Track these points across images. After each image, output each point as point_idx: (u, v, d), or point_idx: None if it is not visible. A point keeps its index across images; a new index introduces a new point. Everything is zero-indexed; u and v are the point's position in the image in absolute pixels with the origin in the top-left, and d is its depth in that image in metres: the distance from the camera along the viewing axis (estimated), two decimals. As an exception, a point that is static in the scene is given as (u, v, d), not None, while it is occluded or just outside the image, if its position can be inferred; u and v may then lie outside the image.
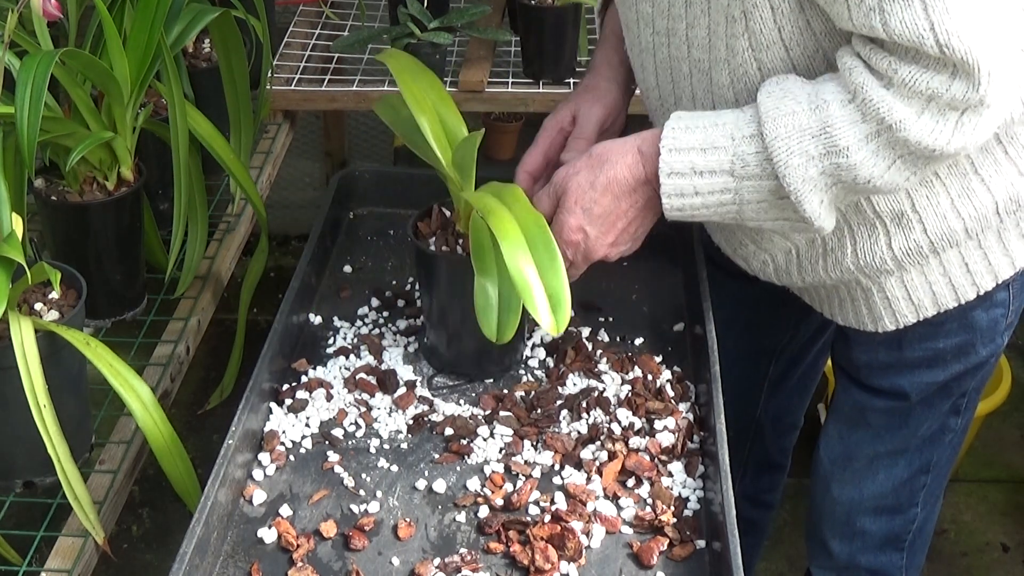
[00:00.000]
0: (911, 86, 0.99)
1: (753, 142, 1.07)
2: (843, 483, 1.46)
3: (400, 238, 1.48)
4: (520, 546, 1.04)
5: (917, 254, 1.20)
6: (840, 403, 1.44)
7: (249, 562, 1.03)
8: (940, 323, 1.26)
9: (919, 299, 1.24)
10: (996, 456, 2.53)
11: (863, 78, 1.01)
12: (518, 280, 1.01)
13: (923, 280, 1.22)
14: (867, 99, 1.01)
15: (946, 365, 1.31)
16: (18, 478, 1.16)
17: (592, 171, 1.14)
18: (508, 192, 1.10)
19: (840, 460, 1.45)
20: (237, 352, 1.59)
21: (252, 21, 1.50)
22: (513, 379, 1.25)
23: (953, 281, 1.22)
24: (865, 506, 1.46)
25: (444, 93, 1.20)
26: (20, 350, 1.04)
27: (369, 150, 3.02)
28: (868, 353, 1.34)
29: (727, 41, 1.11)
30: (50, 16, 1.20)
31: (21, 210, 1.20)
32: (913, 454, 1.41)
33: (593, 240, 1.15)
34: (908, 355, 1.31)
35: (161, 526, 2.33)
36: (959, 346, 1.29)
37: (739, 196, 1.09)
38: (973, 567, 2.29)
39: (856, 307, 1.28)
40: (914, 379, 1.33)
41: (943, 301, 1.24)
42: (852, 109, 1.02)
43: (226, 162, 1.42)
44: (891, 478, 1.43)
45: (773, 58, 1.10)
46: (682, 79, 1.19)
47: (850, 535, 1.50)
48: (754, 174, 1.07)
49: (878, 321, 1.27)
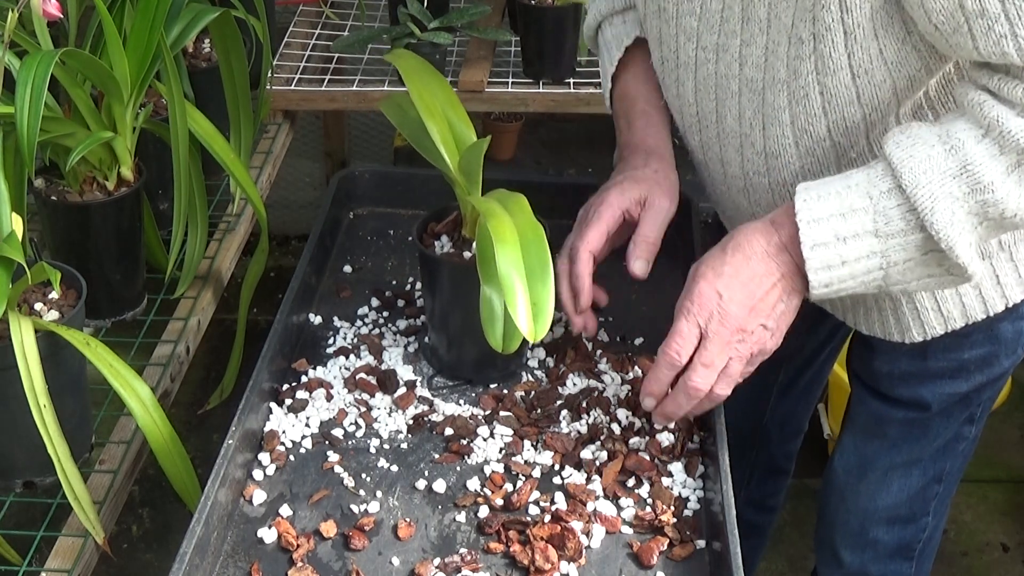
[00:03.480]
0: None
1: (893, 196, 1.02)
2: (857, 494, 1.45)
3: (400, 238, 1.48)
4: (520, 546, 1.04)
5: None
6: (857, 414, 1.42)
7: (249, 562, 1.03)
8: (967, 334, 1.25)
9: (948, 311, 1.22)
10: (996, 456, 2.53)
11: (997, 110, 0.99)
12: (505, 283, 1.02)
13: (953, 291, 1.21)
14: (1004, 131, 0.98)
15: (969, 376, 1.30)
16: (18, 478, 1.16)
17: (723, 249, 1.08)
18: (513, 200, 1.10)
19: (855, 471, 1.44)
20: (237, 352, 1.58)
21: (252, 21, 1.50)
22: (513, 379, 1.25)
23: (984, 293, 1.21)
24: (879, 516, 1.45)
25: (453, 96, 1.20)
26: (20, 350, 1.04)
27: (369, 150, 3.02)
28: (891, 363, 1.32)
29: (788, 62, 1.08)
30: (50, 16, 1.20)
31: (21, 210, 1.20)
32: (927, 463, 1.40)
33: (729, 303, 1.06)
34: (932, 365, 1.29)
35: (161, 526, 2.33)
36: (983, 357, 1.28)
37: (886, 258, 1.04)
38: (973, 567, 2.29)
39: (883, 317, 1.26)
40: (936, 389, 1.31)
41: (972, 313, 1.22)
42: (989, 143, 1.00)
43: (226, 162, 1.42)
44: (905, 488, 1.42)
45: (838, 84, 1.07)
46: (729, 97, 1.16)
47: (862, 545, 1.49)
48: (899, 230, 1.02)
49: (906, 332, 1.25)
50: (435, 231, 1.25)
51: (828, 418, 2.44)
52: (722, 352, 1.08)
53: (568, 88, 2.00)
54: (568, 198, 1.45)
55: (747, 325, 1.08)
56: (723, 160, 1.23)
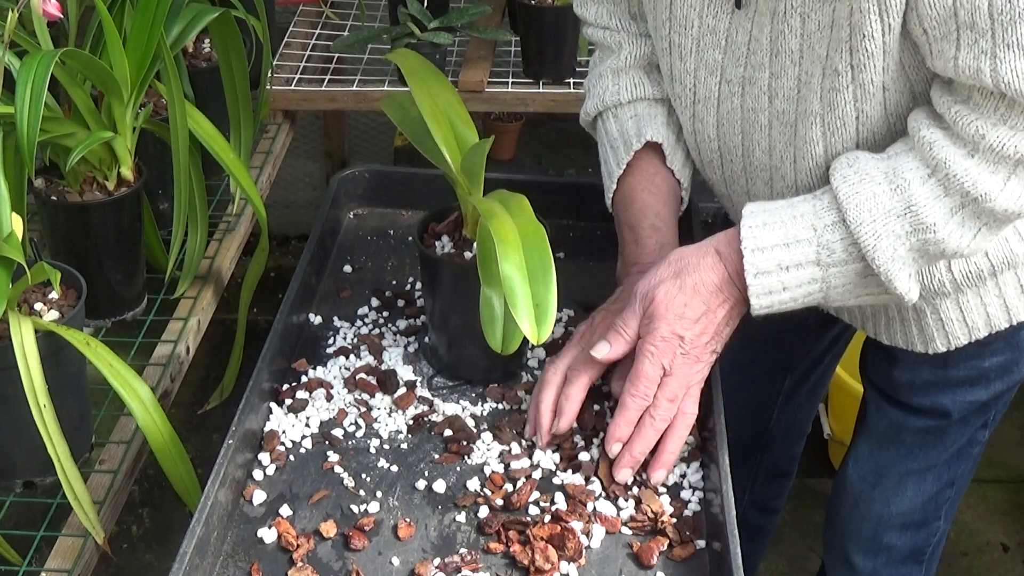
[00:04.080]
0: (999, 151, 0.98)
1: (837, 229, 1.05)
2: (872, 501, 1.44)
3: (400, 238, 1.48)
4: (520, 546, 1.04)
5: (976, 277, 1.19)
6: (873, 423, 1.42)
7: (249, 562, 1.03)
8: (988, 343, 1.25)
9: (973, 321, 1.23)
10: (996, 456, 2.53)
11: (945, 152, 1.00)
12: (508, 285, 1.01)
13: (979, 302, 1.21)
14: (951, 174, 1.00)
15: (989, 384, 1.30)
16: (18, 478, 1.16)
17: (676, 278, 1.09)
18: (514, 201, 1.10)
19: (870, 478, 1.43)
20: (237, 352, 1.58)
21: (252, 21, 1.50)
22: (513, 379, 1.25)
23: (1008, 303, 1.22)
24: (893, 522, 1.45)
25: (455, 96, 1.20)
26: (20, 350, 1.04)
27: (369, 150, 3.02)
28: (911, 372, 1.32)
29: (823, 94, 1.07)
30: (50, 16, 1.20)
31: (21, 210, 1.20)
32: (942, 469, 1.40)
33: (690, 343, 1.09)
34: (953, 374, 1.29)
35: (161, 526, 2.33)
36: (1003, 364, 1.29)
37: (826, 284, 1.07)
38: (973, 567, 2.29)
39: (906, 327, 1.26)
40: (957, 398, 1.31)
41: (996, 323, 1.23)
42: (934, 184, 1.02)
43: (226, 162, 1.42)
44: (920, 494, 1.42)
45: (874, 106, 1.07)
46: (757, 131, 1.15)
47: (875, 551, 1.49)
48: (841, 260, 1.05)
49: (929, 343, 1.26)
50: (436, 231, 1.25)
51: (828, 418, 2.44)
52: (683, 382, 1.10)
53: (568, 88, 2.00)
54: (568, 198, 1.45)
55: (703, 355, 1.11)
56: (749, 193, 1.23)
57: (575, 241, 1.44)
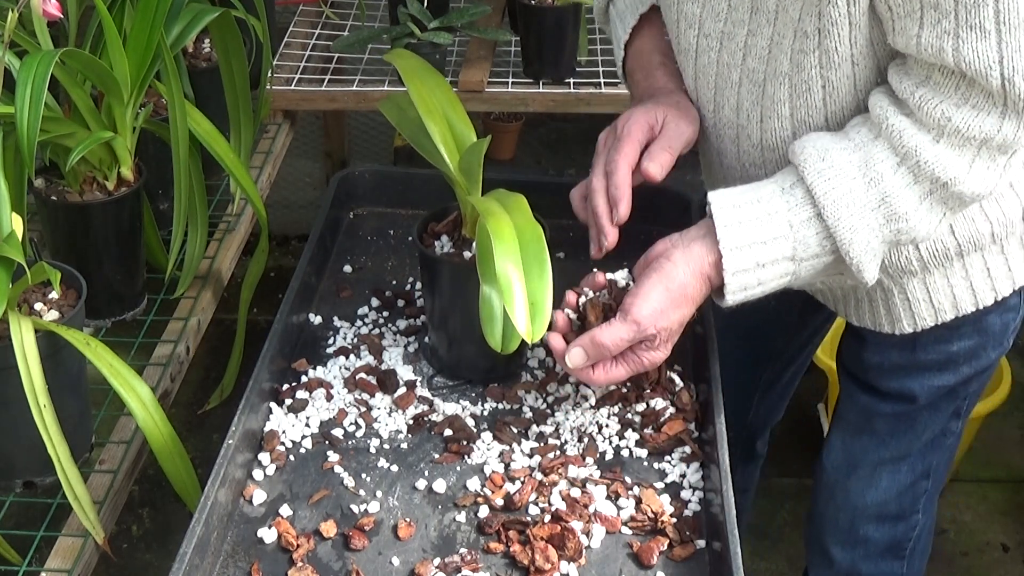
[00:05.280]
0: (964, 132, 1.00)
1: (812, 225, 1.06)
2: (847, 491, 1.46)
3: (400, 238, 1.48)
4: (520, 546, 1.04)
5: (944, 256, 1.20)
6: (845, 410, 1.44)
7: (249, 562, 1.03)
8: (956, 327, 1.27)
9: (939, 302, 1.24)
10: (996, 456, 2.53)
11: (915, 140, 1.02)
12: (503, 282, 1.02)
13: (945, 283, 1.23)
14: (921, 161, 1.02)
15: (957, 368, 1.32)
16: (18, 478, 1.16)
17: (678, 310, 1.09)
18: (512, 200, 1.10)
19: (844, 467, 1.45)
20: (237, 352, 1.59)
21: (252, 21, 1.50)
22: (513, 379, 1.25)
23: (974, 285, 1.23)
24: (868, 513, 1.46)
25: (452, 95, 1.20)
26: (20, 350, 1.04)
27: (369, 150, 3.02)
28: (881, 355, 1.34)
29: (792, 56, 1.09)
30: (50, 16, 1.20)
31: (21, 210, 1.20)
32: (916, 459, 1.41)
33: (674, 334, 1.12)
34: (921, 357, 1.31)
35: (161, 526, 2.33)
36: (971, 349, 1.30)
37: (797, 275, 1.09)
38: (973, 567, 2.29)
39: (874, 308, 1.28)
40: (925, 382, 1.33)
41: (963, 305, 1.25)
42: (904, 172, 1.04)
43: (226, 162, 1.42)
44: (895, 484, 1.43)
45: (840, 76, 1.09)
46: (728, 87, 1.17)
47: (852, 543, 1.50)
48: (814, 254, 1.07)
49: (896, 323, 1.27)
50: (435, 231, 1.25)
51: (828, 418, 2.44)
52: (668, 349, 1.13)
53: (568, 88, 2.00)
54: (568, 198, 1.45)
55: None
56: (719, 151, 1.24)
57: (575, 241, 1.44)
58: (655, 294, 1.08)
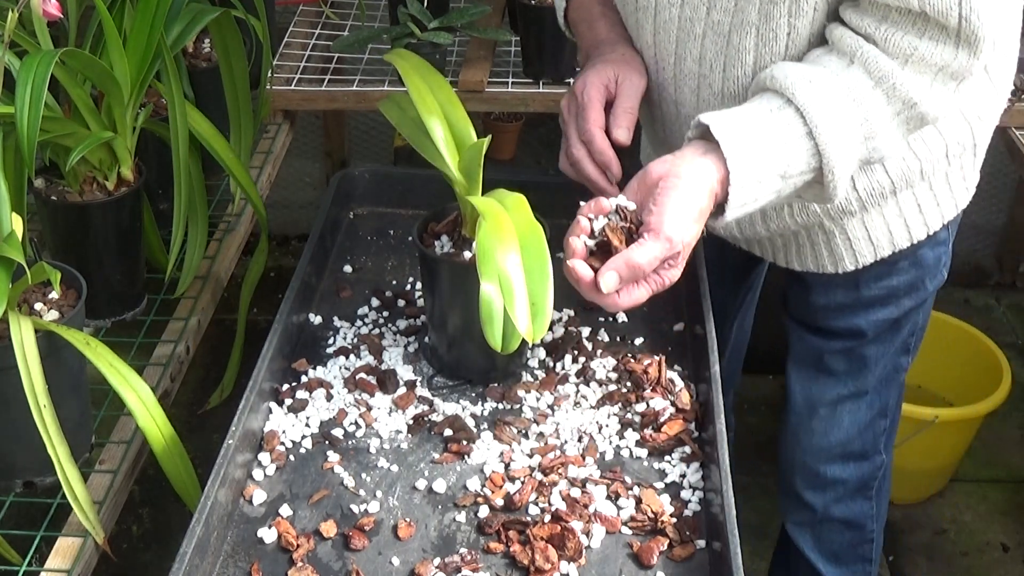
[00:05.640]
0: (926, 60, 1.10)
1: (803, 142, 1.11)
2: (811, 432, 1.55)
3: (400, 238, 1.48)
4: (520, 546, 1.04)
5: (879, 195, 1.30)
6: (799, 354, 1.53)
7: (249, 562, 1.03)
8: (894, 262, 1.38)
9: (877, 239, 1.35)
10: (996, 456, 2.53)
11: (888, 66, 1.10)
12: (504, 282, 1.02)
13: (881, 221, 1.33)
14: (896, 84, 1.10)
15: (899, 301, 1.43)
16: (18, 478, 1.16)
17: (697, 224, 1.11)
18: (512, 200, 1.11)
19: (806, 410, 1.54)
20: (237, 352, 1.59)
21: (252, 21, 1.50)
22: (513, 379, 1.25)
23: (908, 222, 1.34)
24: (834, 453, 1.55)
25: (452, 95, 1.20)
26: (20, 350, 1.04)
27: (369, 150, 3.02)
28: (827, 296, 1.44)
29: (761, 6, 1.15)
30: (50, 16, 1.20)
31: (21, 210, 1.20)
32: (873, 396, 1.51)
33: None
34: (865, 294, 1.42)
35: (161, 526, 2.33)
36: (910, 282, 1.41)
37: (780, 195, 1.14)
38: (973, 567, 2.29)
39: (816, 251, 1.37)
40: (870, 317, 1.44)
41: (899, 241, 1.35)
42: (879, 94, 1.11)
43: (226, 162, 1.42)
44: (856, 422, 1.53)
45: (805, 23, 1.16)
46: (691, 40, 1.22)
47: (823, 485, 1.58)
48: (800, 171, 1.12)
49: (839, 262, 1.37)
50: (435, 231, 1.25)
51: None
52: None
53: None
54: (568, 198, 1.45)
55: None
56: (677, 101, 1.29)
57: (575, 241, 1.44)
58: (680, 209, 1.09)
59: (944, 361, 2.46)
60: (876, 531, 1.66)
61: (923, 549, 2.33)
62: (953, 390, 2.47)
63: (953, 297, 2.98)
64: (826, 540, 1.64)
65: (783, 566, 1.74)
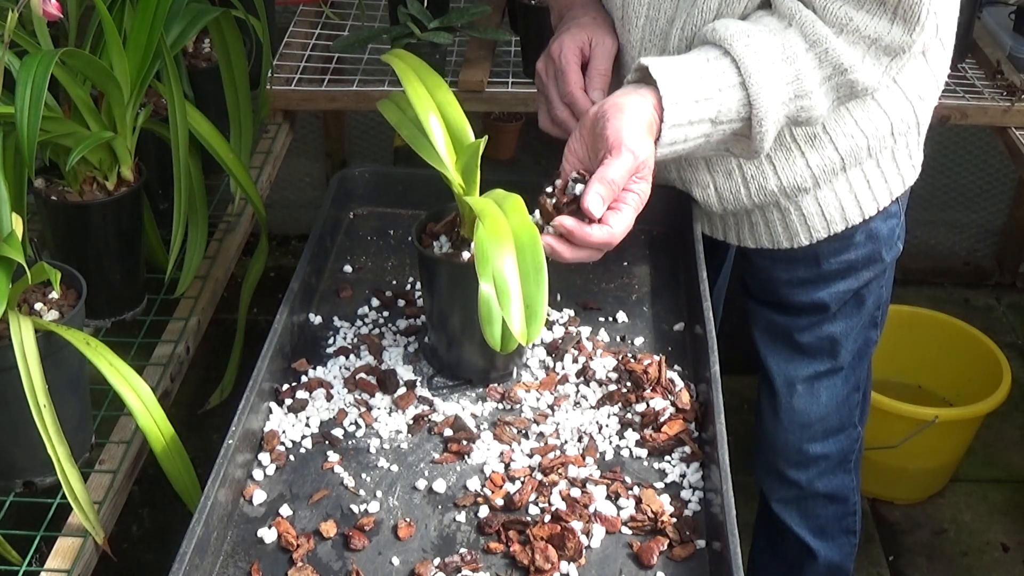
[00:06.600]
0: (860, 31, 1.17)
1: (736, 91, 1.17)
2: (792, 410, 1.61)
3: (400, 238, 1.48)
4: (520, 546, 1.04)
5: (831, 172, 1.38)
6: (767, 336, 1.60)
7: (249, 562, 1.03)
8: (850, 236, 1.46)
9: (830, 215, 1.43)
10: (996, 456, 2.53)
11: (822, 31, 1.17)
12: (499, 283, 1.02)
13: (833, 197, 1.42)
14: (829, 49, 1.17)
15: (858, 273, 1.50)
16: (18, 478, 1.16)
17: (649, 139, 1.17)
18: (509, 200, 1.10)
19: (784, 389, 1.60)
20: (237, 352, 1.59)
21: (252, 21, 1.50)
22: (513, 379, 1.25)
23: (858, 197, 1.42)
24: (814, 429, 1.61)
25: (450, 95, 1.20)
26: (20, 350, 1.04)
27: (369, 150, 3.03)
28: (789, 271, 1.51)
29: None
30: (50, 16, 1.20)
31: (21, 210, 1.20)
32: (848, 371, 1.59)
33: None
34: (825, 269, 1.49)
35: (161, 526, 2.33)
36: (868, 255, 1.49)
37: (709, 140, 1.20)
38: (973, 567, 2.29)
39: (771, 228, 1.45)
40: (831, 290, 1.51)
41: (851, 217, 1.43)
42: (812, 56, 1.18)
43: (226, 162, 1.43)
44: (833, 397, 1.59)
45: None
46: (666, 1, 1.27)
47: (805, 462, 1.65)
48: (730, 119, 1.19)
49: (794, 237, 1.45)
50: (434, 231, 1.25)
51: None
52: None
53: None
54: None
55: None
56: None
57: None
58: (631, 125, 1.14)
59: (944, 361, 2.47)
60: (857, 503, 1.73)
61: (923, 549, 2.33)
62: (953, 390, 2.47)
63: (953, 297, 2.98)
64: (812, 515, 1.70)
65: (770, 549, 1.79)
